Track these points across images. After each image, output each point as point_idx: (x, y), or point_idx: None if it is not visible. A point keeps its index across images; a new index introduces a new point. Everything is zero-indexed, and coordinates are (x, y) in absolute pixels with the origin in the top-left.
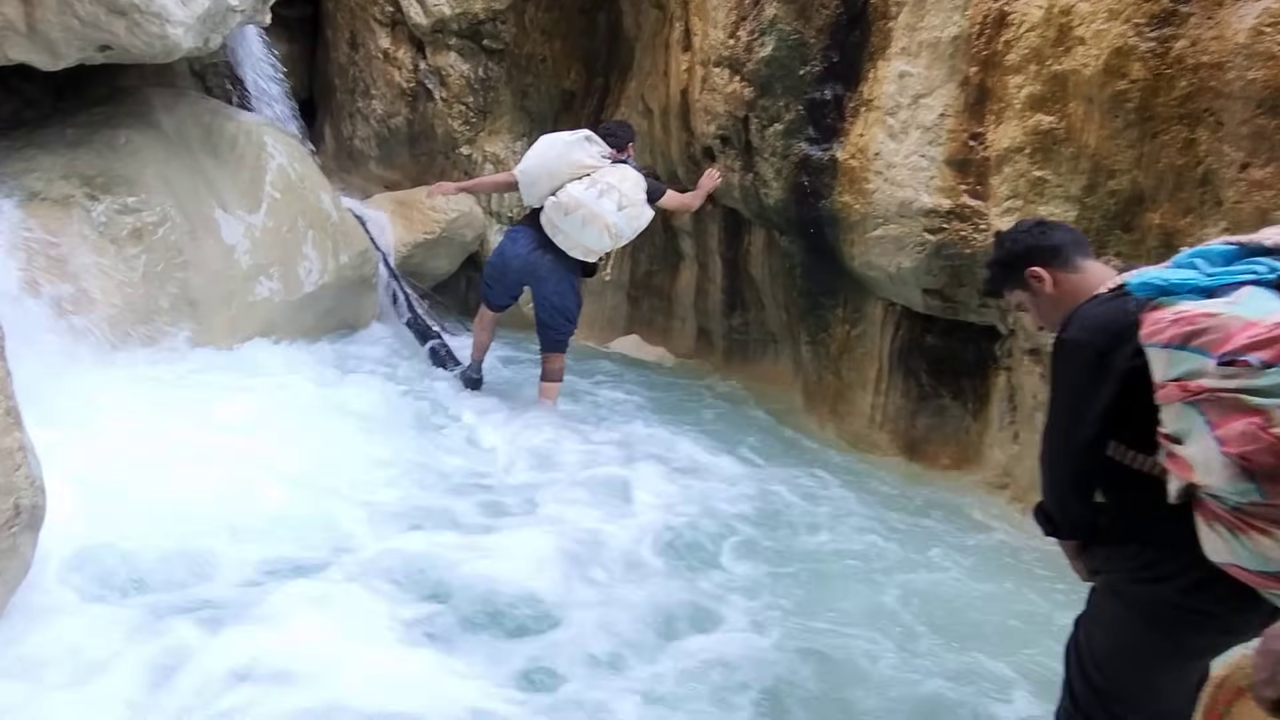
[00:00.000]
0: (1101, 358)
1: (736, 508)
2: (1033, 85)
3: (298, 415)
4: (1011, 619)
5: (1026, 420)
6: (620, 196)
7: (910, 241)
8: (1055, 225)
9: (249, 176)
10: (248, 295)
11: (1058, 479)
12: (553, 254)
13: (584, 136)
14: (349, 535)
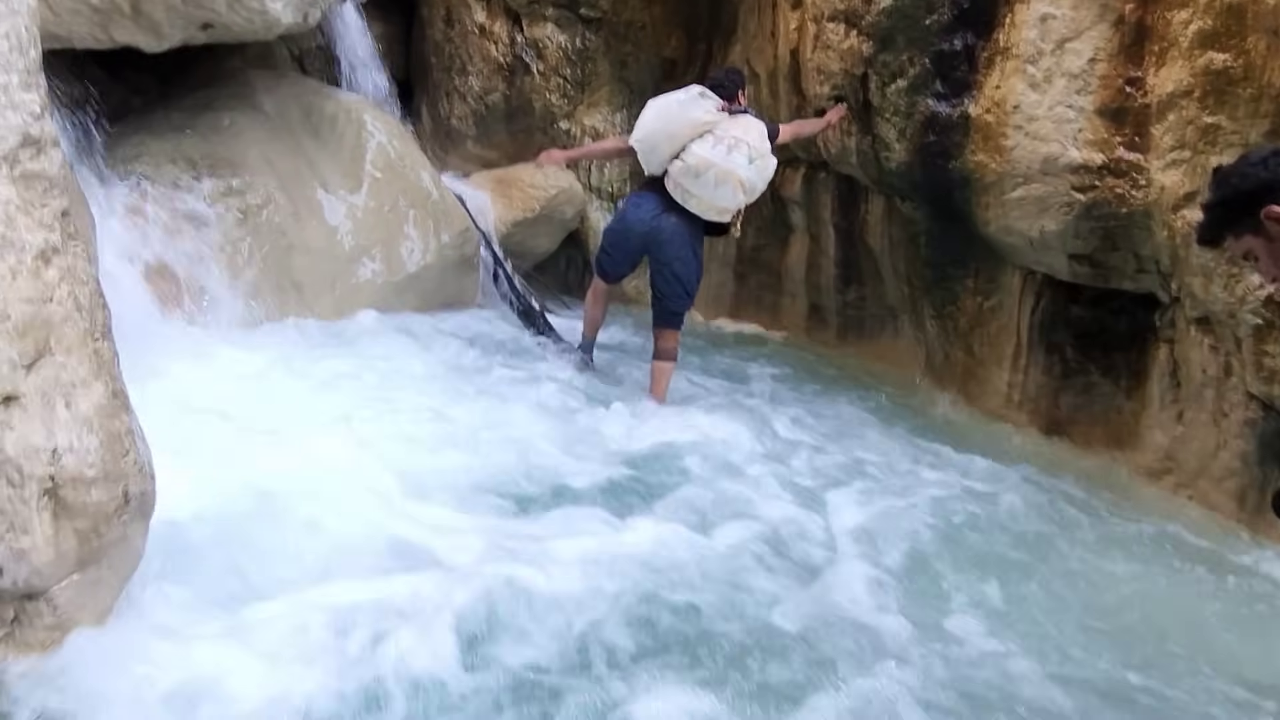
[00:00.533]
0: None
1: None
2: (1202, 20)
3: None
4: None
5: (1194, 398)
6: (749, 149)
7: (1056, 202)
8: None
9: (349, 156)
10: (351, 277)
11: None
12: (679, 216)
13: (698, 93)
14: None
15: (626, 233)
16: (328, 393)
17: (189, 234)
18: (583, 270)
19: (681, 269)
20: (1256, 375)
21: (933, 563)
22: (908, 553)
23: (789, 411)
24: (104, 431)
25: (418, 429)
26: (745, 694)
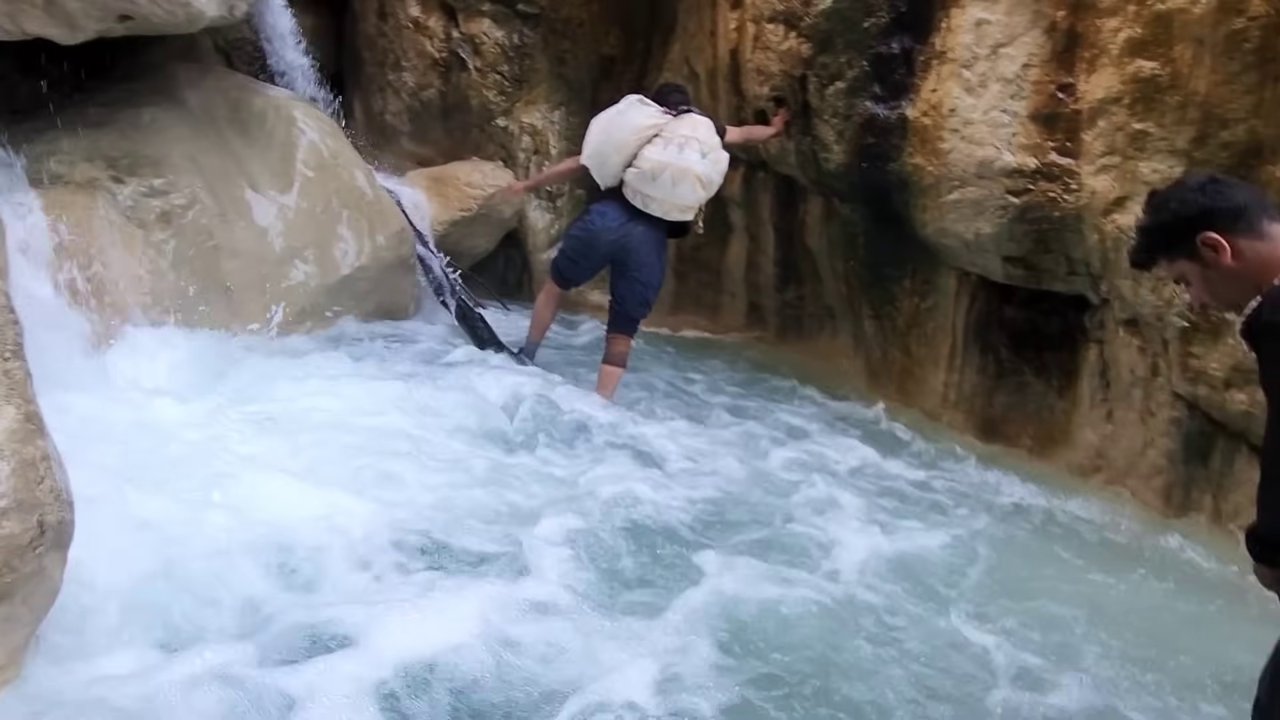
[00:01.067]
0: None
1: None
2: (1132, 28)
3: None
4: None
5: (1122, 397)
6: (700, 144)
7: (991, 205)
8: (1232, 182)
9: (279, 154)
10: (282, 279)
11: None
12: (645, 224)
13: (636, 100)
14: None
15: (593, 241)
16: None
17: (107, 237)
18: (521, 270)
19: (647, 276)
20: (1182, 375)
21: (871, 554)
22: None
23: (726, 407)
24: (16, 458)
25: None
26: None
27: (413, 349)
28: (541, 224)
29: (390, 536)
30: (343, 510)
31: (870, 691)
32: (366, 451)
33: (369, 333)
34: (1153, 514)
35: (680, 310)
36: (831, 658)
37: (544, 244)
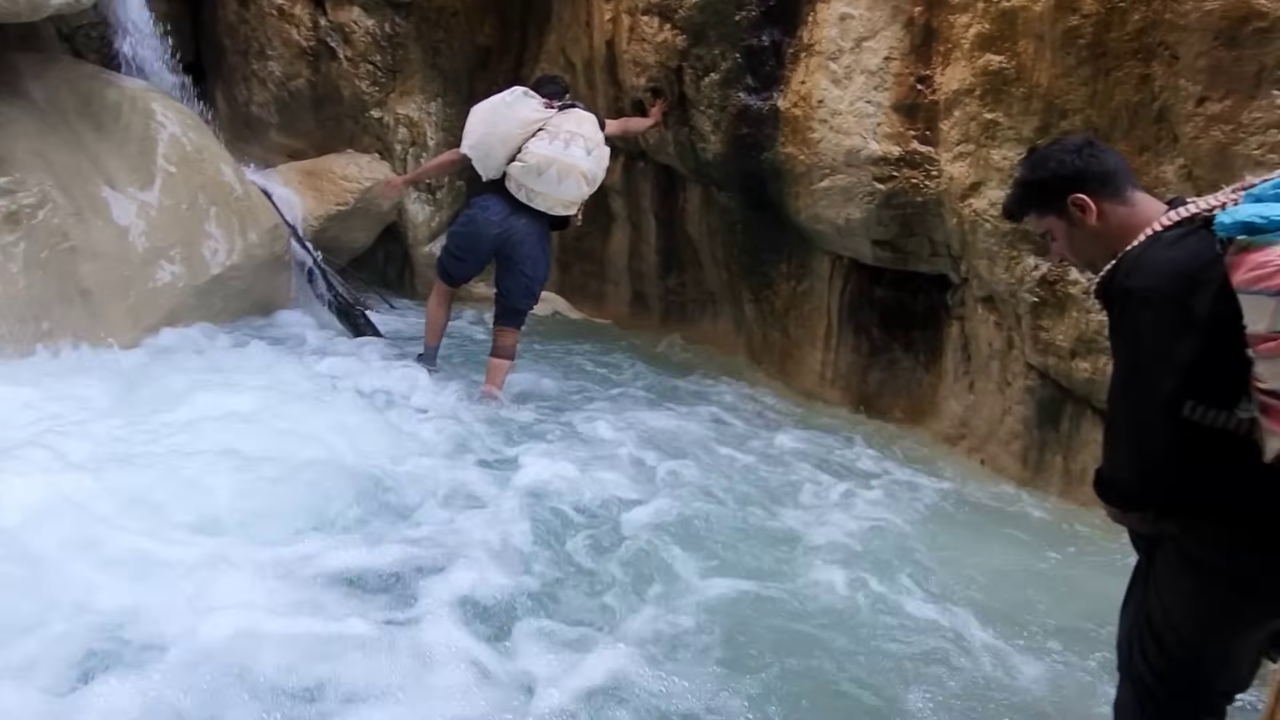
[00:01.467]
0: (1182, 307)
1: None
2: (981, 24)
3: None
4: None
5: (982, 370)
6: (585, 141)
7: (859, 191)
8: (1105, 148)
9: (138, 149)
10: (147, 281)
11: (1141, 446)
12: (528, 217)
13: (521, 93)
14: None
15: (477, 236)
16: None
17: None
18: (402, 264)
19: (533, 269)
20: (1034, 347)
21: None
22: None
23: (614, 394)
24: None
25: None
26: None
27: (284, 349)
28: (422, 217)
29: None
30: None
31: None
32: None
33: (240, 334)
34: (1010, 476)
35: (566, 299)
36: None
37: (425, 237)
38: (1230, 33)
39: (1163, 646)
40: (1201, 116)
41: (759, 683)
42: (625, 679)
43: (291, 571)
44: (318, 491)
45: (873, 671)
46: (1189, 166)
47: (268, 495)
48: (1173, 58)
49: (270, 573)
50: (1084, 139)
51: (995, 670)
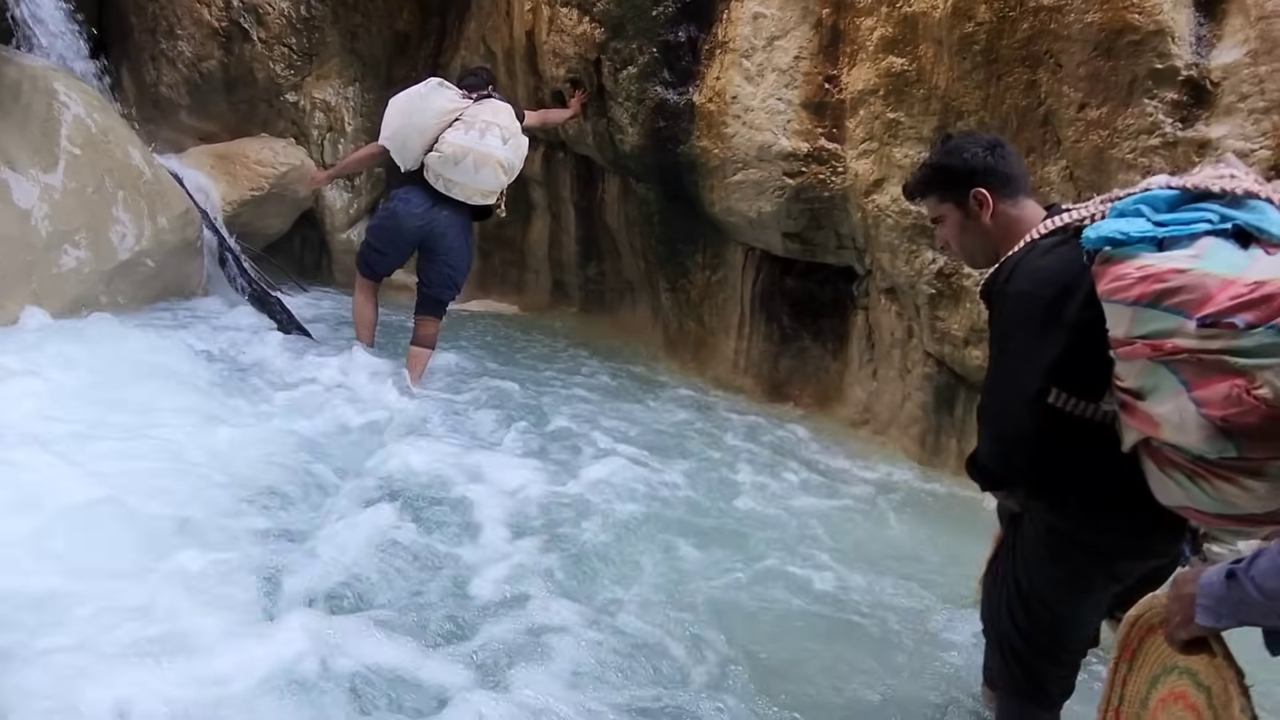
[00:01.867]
0: (1050, 311)
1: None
2: (884, 27)
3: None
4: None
5: (884, 358)
6: (501, 130)
7: (770, 186)
8: (1013, 152)
9: (40, 130)
10: (51, 266)
11: (1005, 431)
12: (450, 208)
13: (437, 83)
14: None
15: (399, 229)
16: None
17: None
18: (319, 250)
19: (455, 259)
20: (931, 336)
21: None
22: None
23: (527, 380)
24: None
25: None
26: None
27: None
28: (339, 203)
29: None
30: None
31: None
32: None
33: (144, 320)
34: (910, 458)
35: (486, 288)
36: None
37: (342, 224)
38: (1107, 44)
39: (1028, 609)
40: (1082, 121)
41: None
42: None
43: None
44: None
45: (783, 639)
46: (1070, 168)
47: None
48: (1057, 65)
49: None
50: (996, 138)
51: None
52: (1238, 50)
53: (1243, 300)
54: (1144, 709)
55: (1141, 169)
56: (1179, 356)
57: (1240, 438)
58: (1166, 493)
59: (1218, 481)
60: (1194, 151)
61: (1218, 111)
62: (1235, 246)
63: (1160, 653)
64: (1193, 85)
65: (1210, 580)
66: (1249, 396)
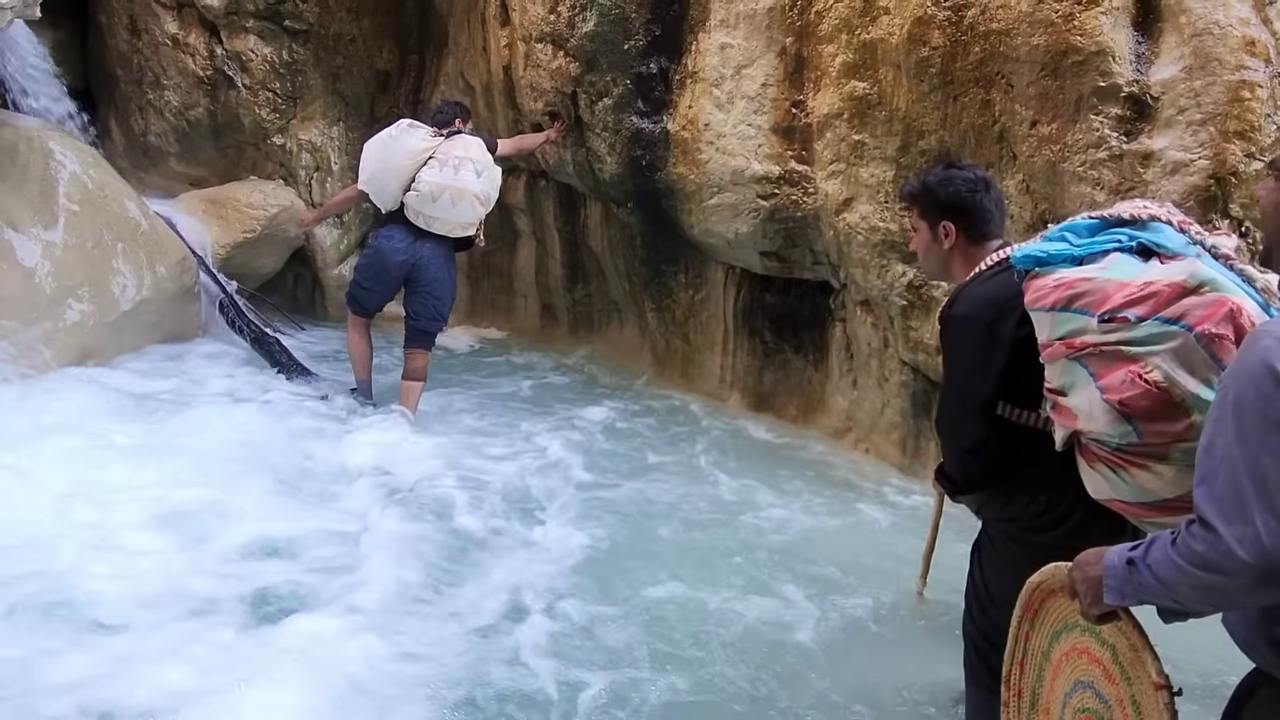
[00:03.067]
0: (990, 330)
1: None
2: (845, 54)
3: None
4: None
5: (863, 367)
6: (474, 164)
7: (745, 208)
8: (996, 195)
9: (38, 189)
10: (57, 321)
11: (959, 441)
12: (432, 242)
13: (407, 125)
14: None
15: (384, 265)
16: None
17: None
18: (313, 288)
19: (440, 290)
20: (906, 345)
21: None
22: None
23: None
24: None
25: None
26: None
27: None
28: (330, 240)
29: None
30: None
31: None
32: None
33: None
34: (890, 463)
35: (476, 315)
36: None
37: (334, 260)
38: (1053, 64)
39: (985, 610)
40: (1034, 138)
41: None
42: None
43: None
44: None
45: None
46: (1026, 181)
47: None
48: (1009, 85)
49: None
50: (986, 179)
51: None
52: (1174, 66)
53: (1134, 297)
54: (1046, 661)
55: (1092, 181)
56: (1086, 351)
57: (1137, 420)
58: (1096, 487)
59: (1134, 469)
60: (1139, 163)
61: (1159, 124)
62: (1138, 260)
63: (1060, 612)
64: (1134, 101)
65: (1113, 564)
66: (1141, 380)
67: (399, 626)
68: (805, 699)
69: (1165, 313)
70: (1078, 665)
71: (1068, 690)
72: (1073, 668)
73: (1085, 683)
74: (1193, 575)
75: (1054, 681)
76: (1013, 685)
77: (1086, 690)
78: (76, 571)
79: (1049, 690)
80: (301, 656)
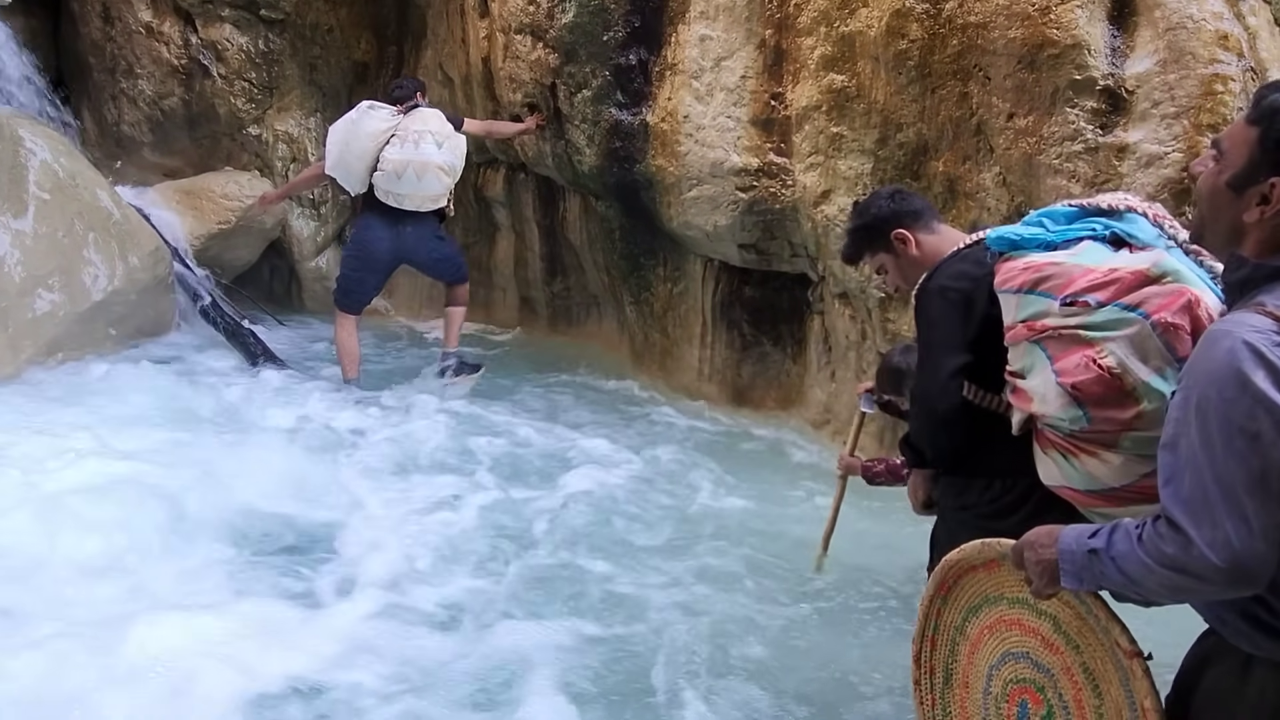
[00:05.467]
0: (965, 299)
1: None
2: (824, 46)
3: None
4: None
5: (841, 360)
6: (433, 136)
7: (724, 200)
8: (910, 193)
9: (7, 177)
10: (26, 312)
11: (937, 409)
12: (410, 223)
13: (366, 107)
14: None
15: (371, 258)
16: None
17: None
18: (289, 280)
19: (439, 255)
20: (883, 337)
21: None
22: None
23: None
24: None
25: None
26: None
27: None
28: (306, 232)
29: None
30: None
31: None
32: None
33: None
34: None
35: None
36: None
37: (310, 252)
38: (1030, 57)
39: None
40: (1011, 130)
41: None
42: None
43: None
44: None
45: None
46: (1003, 174)
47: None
48: (986, 78)
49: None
50: (893, 188)
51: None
52: (1149, 60)
53: (1096, 283)
54: (961, 636)
55: (1067, 174)
56: (1046, 334)
57: (1087, 405)
58: (1048, 472)
59: (1083, 456)
60: (1114, 156)
61: (1134, 118)
62: (1108, 248)
63: (979, 587)
64: (1110, 94)
65: (1070, 549)
66: (1095, 365)
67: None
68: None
69: (1125, 299)
70: (1006, 637)
71: (994, 663)
72: (999, 640)
73: (1019, 654)
74: (1162, 575)
75: (972, 655)
76: (923, 663)
77: (1021, 661)
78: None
79: (966, 665)
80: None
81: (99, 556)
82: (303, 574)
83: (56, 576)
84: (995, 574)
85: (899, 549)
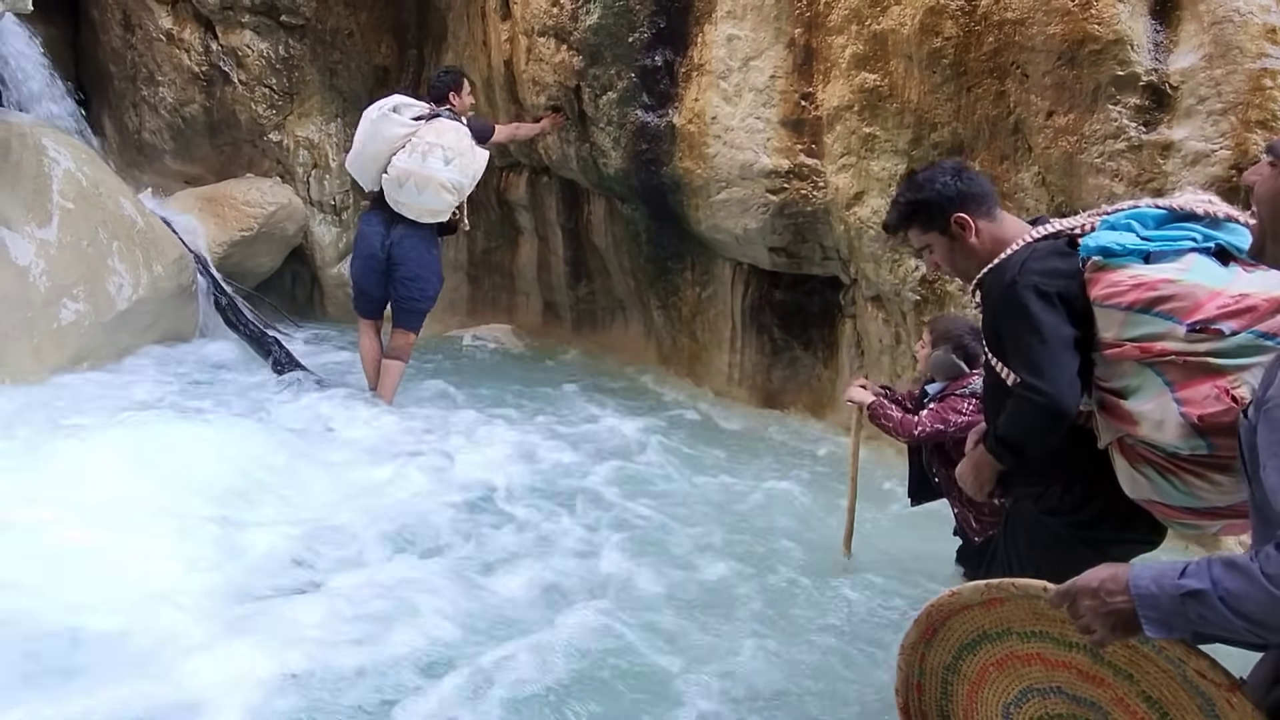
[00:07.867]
0: (1064, 300)
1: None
2: (855, 45)
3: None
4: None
5: (874, 364)
6: (444, 151)
7: (754, 203)
8: (975, 173)
9: (31, 187)
10: (51, 321)
11: (1064, 413)
12: (405, 226)
13: (391, 108)
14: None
15: (369, 260)
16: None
17: None
18: (311, 286)
19: (414, 269)
20: (918, 341)
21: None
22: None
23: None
24: None
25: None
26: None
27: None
28: (328, 239)
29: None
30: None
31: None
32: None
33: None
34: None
35: (478, 312)
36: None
37: (332, 259)
38: (1070, 54)
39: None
40: (1050, 129)
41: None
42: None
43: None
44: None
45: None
46: (1043, 173)
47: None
48: (1023, 76)
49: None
50: (957, 163)
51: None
52: (1194, 55)
53: (1229, 309)
54: (954, 675)
55: (1110, 172)
56: (1166, 359)
57: (1212, 435)
58: (1135, 487)
59: (1188, 476)
60: (1158, 154)
61: (1178, 114)
62: (1216, 263)
63: (971, 625)
64: (1153, 90)
65: (1153, 594)
66: (1228, 396)
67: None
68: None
69: (1261, 327)
70: (1024, 674)
71: (1009, 700)
72: (1013, 677)
73: (1047, 689)
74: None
75: (974, 694)
76: (913, 712)
77: (1051, 696)
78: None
79: (967, 704)
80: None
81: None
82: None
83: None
84: (995, 610)
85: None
